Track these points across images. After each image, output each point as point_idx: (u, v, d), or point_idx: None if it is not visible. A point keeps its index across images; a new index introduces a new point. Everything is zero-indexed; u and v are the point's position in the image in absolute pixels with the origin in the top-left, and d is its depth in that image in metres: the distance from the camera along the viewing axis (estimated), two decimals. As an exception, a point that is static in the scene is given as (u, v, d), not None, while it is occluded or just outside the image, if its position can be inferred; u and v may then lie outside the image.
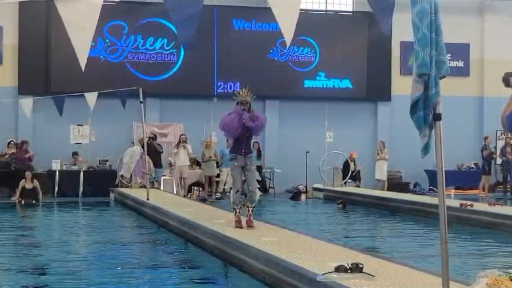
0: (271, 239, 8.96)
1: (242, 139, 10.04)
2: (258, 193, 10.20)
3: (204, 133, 21.53)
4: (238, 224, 10.02)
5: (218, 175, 20.61)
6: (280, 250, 7.95)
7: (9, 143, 20.08)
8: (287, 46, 8.39)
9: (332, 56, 23.04)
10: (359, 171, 22.16)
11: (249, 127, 9.90)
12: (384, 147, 21.79)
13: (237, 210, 10.13)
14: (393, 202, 16.89)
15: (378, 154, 21.69)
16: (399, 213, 15.84)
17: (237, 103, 10.13)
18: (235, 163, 10.08)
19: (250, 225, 9.97)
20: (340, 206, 17.25)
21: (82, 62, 7.32)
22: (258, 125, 9.98)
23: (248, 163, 10.04)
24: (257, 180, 10.28)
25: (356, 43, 23.23)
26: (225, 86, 22.28)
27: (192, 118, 21.77)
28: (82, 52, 7.54)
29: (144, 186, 16.79)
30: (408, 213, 15.62)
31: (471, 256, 9.80)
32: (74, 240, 11.79)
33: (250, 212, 10.08)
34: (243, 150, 10.05)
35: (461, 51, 23.82)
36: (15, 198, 17.93)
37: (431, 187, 22.19)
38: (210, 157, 20.21)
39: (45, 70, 21.06)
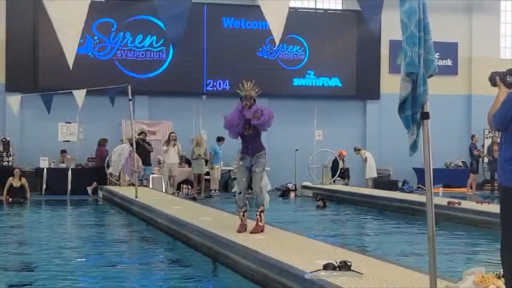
0: (259, 237, 8.97)
1: (248, 138, 9.44)
2: (266, 197, 9.50)
3: (193, 131, 21.51)
4: (240, 229, 9.37)
5: (207, 173, 20.61)
6: (268, 248, 7.96)
7: (2, 140, 19.98)
8: (276, 44, 8.30)
9: (322, 54, 23.07)
10: (348, 169, 22.22)
11: (255, 124, 9.24)
12: (359, 150, 21.84)
13: (241, 214, 9.51)
14: (381, 200, 16.95)
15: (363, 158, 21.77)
16: (388, 211, 15.90)
17: (240, 98, 9.44)
18: (241, 163, 9.58)
19: (252, 231, 9.27)
20: (320, 203, 17.00)
21: (70, 59, 7.29)
22: (264, 121, 9.22)
23: (254, 163, 9.40)
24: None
25: (345, 42, 23.28)
26: (214, 84, 22.27)
27: (181, 116, 21.74)
28: (70, 49, 7.51)
29: (133, 184, 16.74)
30: (396, 211, 15.68)
31: (458, 254, 9.85)
32: (62, 239, 11.74)
33: (256, 216, 9.43)
34: (249, 150, 9.44)
35: (449, 50, 23.93)
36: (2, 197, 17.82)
37: (419, 185, 22.28)
38: (199, 155, 20.20)
39: (33, 67, 20.97)
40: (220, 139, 20.03)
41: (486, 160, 22.61)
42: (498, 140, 5.70)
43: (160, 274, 8.39)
